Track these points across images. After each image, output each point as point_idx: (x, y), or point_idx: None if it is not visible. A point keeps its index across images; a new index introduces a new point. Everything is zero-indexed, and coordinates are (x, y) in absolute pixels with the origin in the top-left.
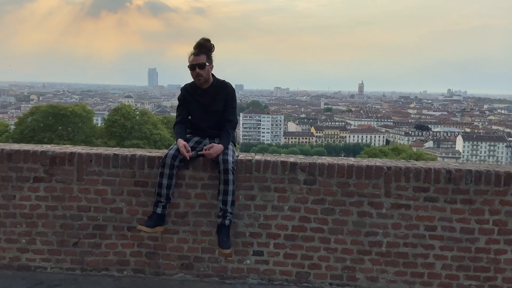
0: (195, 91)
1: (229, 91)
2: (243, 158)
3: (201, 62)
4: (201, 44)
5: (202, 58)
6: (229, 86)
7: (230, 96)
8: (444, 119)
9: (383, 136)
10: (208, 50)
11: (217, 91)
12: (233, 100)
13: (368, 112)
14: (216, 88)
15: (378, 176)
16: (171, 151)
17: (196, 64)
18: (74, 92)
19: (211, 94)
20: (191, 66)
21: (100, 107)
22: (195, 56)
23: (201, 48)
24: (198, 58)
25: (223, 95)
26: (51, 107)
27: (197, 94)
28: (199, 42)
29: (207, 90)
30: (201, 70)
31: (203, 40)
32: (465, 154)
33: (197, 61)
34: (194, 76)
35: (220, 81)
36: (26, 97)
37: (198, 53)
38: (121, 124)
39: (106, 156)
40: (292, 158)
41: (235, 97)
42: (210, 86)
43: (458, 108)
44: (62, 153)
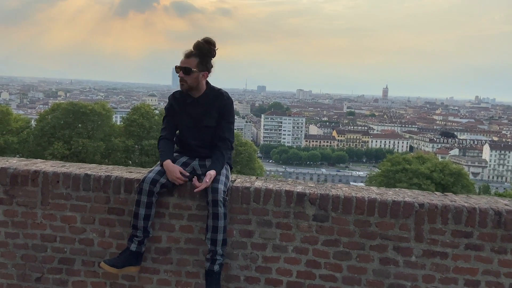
0: (184, 100)
1: (225, 102)
2: (239, 185)
3: (187, 66)
4: (197, 45)
5: (191, 62)
6: (226, 96)
7: (226, 109)
8: (471, 126)
9: (407, 142)
10: (204, 55)
11: (211, 102)
12: (229, 113)
13: (392, 117)
14: (209, 98)
15: (407, 215)
16: (150, 174)
17: (179, 67)
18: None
19: (203, 105)
20: (176, 67)
21: (124, 104)
22: (184, 57)
23: (195, 49)
24: (186, 61)
25: (218, 107)
26: (71, 104)
27: (186, 104)
28: (196, 42)
29: (199, 100)
30: (186, 75)
31: (202, 42)
32: (492, 163)
33: (184, 64)
34: (179, 81)
35: (215, 90)
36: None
37: (189, 54)
38: (140, 124)
39: (75, 176)
40: (300, 186)
41: (232, 110)
42: (203, 95)
43: (486, 115)
44: (25, 171)
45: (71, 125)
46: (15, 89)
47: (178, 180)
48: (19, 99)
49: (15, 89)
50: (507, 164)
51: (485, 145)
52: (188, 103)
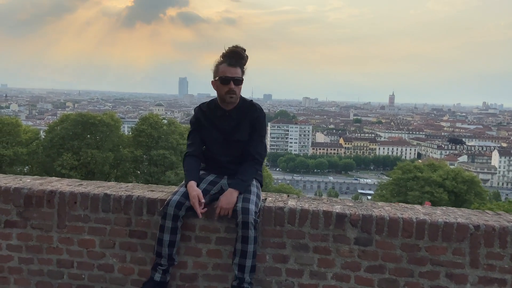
0: (213, 113)
1: (258, 115)
2: (271, 204)
3: (238, 77)
4: (238, 53)
5: (238, 72)
6: (259, 109)
7: (259, 122)
8: (479, 132)
9: (415, 149)
10: (244, 64)
11: (243, 115)
12: (262, 127)
13: (399, 124)
14: (242, 110)
15: (461, 238)
16: (175, 196)
17: (231, 78)
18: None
19: (235, 118)
20: (224, 78)
21: (132, 114)
22: (229, 66)
23: (238, 58)
24: (234, 70)
25: (250, 120)
26: (80, 115)
27: (216, 118)
28: (235, 50)
29: (231, 112)
30: (237, 86)
31: (240, 49)
32: (502, 169)
33: (234, 74)
34: (224, 92)
35: (247, 101)
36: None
37: (234, 63)
38: (148, 134)
39: (94, 196)
40: (338, 206)
41: (265, 123)
42: (235, 107)
43: (494, 121)
44: (40, 192)
45: (80, 136)
46: (24, 101)
47: (195, 204)
48: (28, 111)
49: (24, 100)
50: None
51: (494, 151)
52: (218, 116)
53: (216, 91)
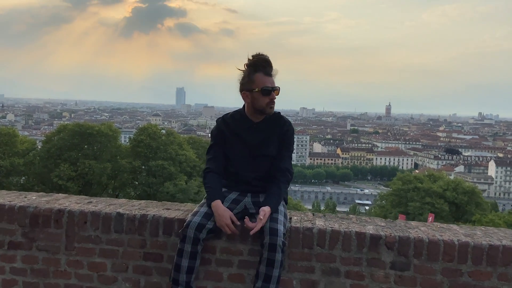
0: (240, 125)
1: (287, 128)
2: (298, 225)
3: (278, 87)
4: (270, 62)
5: (274, 81)
6: (288, 122)
7: (288, 136)
8: (475, 143)
9: (412, 159)
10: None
11: (272, 128)
12: (290, 141)
13: (396, 134)
14: (270, 123)
15: (507, 262)
16: (196, 217)
17: (273, 88)
18: (105, 110)
19: (263, 131)
20: (266, 89)
21: (129, 124)
22: (267, 76)
23: (271, 67)
24: (272, 80)
25: (279, 133)
26: (78, 125)
27: (242, 130)
28: (267, 59)
29: (259, 125)
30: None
31: (268, 58)
32: (499, 180)
33: (273, 84)
34: (265, 104)
35: (276, 114)
36: (59, 114)
37: (270, 72)
38: (147, 144)
39: (106, 216)
40: (371, 226)
41: (293, 137)
42: (264, 119)
43: (490, 132)
44: (47, 210)
45: (78, 147)
46: (21, 111)
47: (227, 229)
48: (24, 121)
49: (21, 110)
50: None
51: (491, 161)
52: (245, 128)
53: (249, 102)
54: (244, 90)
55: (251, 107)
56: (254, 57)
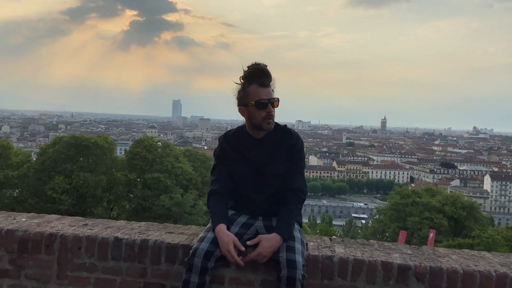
0: (242, 142)
1: (294, 142)
2: (317, 252)
3: (275, 98)
4: (266, 71)
5: (271, 92)
6: (295, 135)
7: (297, 151)
8: (470, 157)
9: (407, 172)
10: (272, 82)
11: (277, 143)
12: (300, 156)
13: (392, 147)
14: (275, 138)
15: None
16: (203, 243)
17: (268, 100)
18: (101, 122)
19: (268, 147)
20: (261, 102)
21: (125, 136)
22: (262, 87)
23: (267, 76)
24: (268, 91)
25: (286, 148)
26: (73, 138)
27: (246, 147)
28: (262, 68)
29: (262, 141)
30: (274, 109)
31: (265, 66)
32: (494, 194)
33: (269, 95)
34: (261, 118)
35: (281, 127)
36: (55, 126)
37: (266, 83)
38: (143, 157)
39: (103, 241)
40: (397, 254)
41: (303, 152)
42: (268, 134)
43: (485, 146)
44: (38, 235)
45: (73, 159)
46: (16, 122)
47: (230, 256)
48: (19, 132)
49: (16, 122)
50: (509, 194)
51: (486, 175)
52: (248, 145)
53: (247, 118)
54: (240, 105)
55: (249, 123)
56: (250, 68)
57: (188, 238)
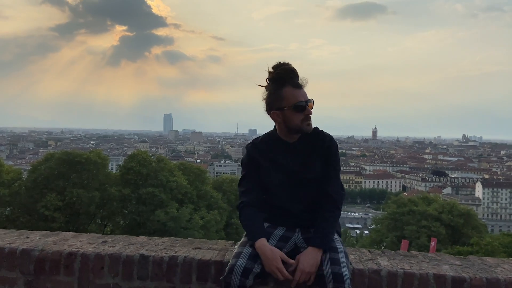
0: (274, 148)
1: (329, 144)
2: (362, 266)
3: (311, 99)
4: (295, 71)
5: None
6: (328, 136)
7: (332, 152)
8: (461, 164)
9: (400, 181)
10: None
11: (311, 146)
12: (335, 158)
13: (383, 157)
14: (308, 141)
15: None
16: (240, 260)
17: (307, 102)
18: (91, 138)
19: (301, 152)
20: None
21: (116, 152)
22: (297, 88)
23: (297, 76)
24: (304, 92)
25: (321, 151)
26: (66, 154)
27: (278, 153)
28: (291, 68)
29: (296, 145)
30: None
31: (292, 66)
32: (486, 201)
33: (306, 97)
34: (299, 121)
35: (313, 129)
36: (44, 142)
37: (299, 84)
38: (137, 171)
39: (127, 259)
40: (447, 266)
41: (338, 153)
42: (299, 139)
43: (475, 153)
44: (56, 254)
45: (65, 175)
46: (5, 140)
47: (279, 274)
48: (8, 150)
49: (5, 139)
50: (500, 201)
51: (477, 183)
52: (281, 151)
53: (281, 122)
54: (273, 110)
55: (284, 127)
56: (277, 69)
57: (219, 253)
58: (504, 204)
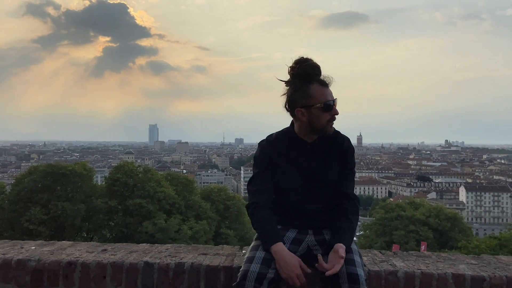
0: (291, 147)
1: (348, 145)
2: (377, 268)
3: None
4: (320, 68)
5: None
6: (346, 139)
7: (349, 154)
8: (444, 169)
9: (385, 187)
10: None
11: (329, 147)
12: (353, 161)
13: (369, 163)
14: (326, 141)
15: None
16: (253, 265)
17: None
18: (75, 150)
19: (320, 152)
20: (328, 104)
21: (100, 164)
22: (324, 87)
23: (321, 74)
24: (331, 91)
25: (339, 153)
26: (50, 166)
27: (296, 153)
28: (318, 65)
29: (314, 145)
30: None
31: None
32: (470, 205)
33: (333, 96)
34: (325, 121)
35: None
36: (27, 156)
37: (325, 82)
38: (123, 182)
39: (131, 267)
40: (464, 265)
41: (354, 158)
42: (319, 138)
43: (457, 158)
44: (54, 264)
45: (50, 188)
46: None
47: (297, 281)
48: None
49: None
50: (484, 205)
51: (461, 187)
52: (298, 150)
53: (305, 121)
54: (298, 107)
55: (307, 126)
56: (302, 64)
57: (227, 259)
58: (488, 208)
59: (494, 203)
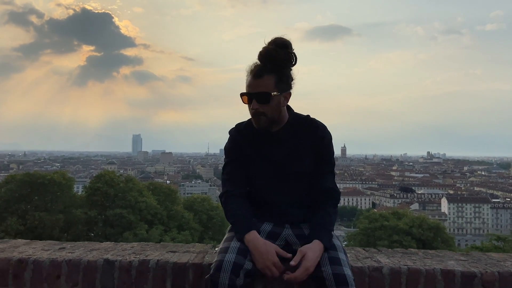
0: (257, 135)
1: (322, 135)
2: (360, 264)
3: (263, 91)
4: (269, 55)
5: (267, 83)
6: (322, 127)
7: (325, 145)
8: (426, 181)
9: (369, 198)
10: (283, 67)
11: (299, 136)
12: (329, 152)
13: (353, 174)
14: (295, 130)
15: None
16: (228, 255)
17: (252, 94)
18: (56, 160)
19: (287, 141)
20: (243, 96)
21: (82, 174)
22: (254, 78)
23: (267, 62)
24: (258, 83)
25: (312, 143)
26: (28, 175)
27: (262, 142)
28: (265, 50)
29: (280, 134)
30: (263, 105)
31: (274, 48)
32: (451, 216)
33: (256, 88)
34: (251, 114)
35: (302, 117)
36: (6, 166)
37: (259, 72)
38: (104, 192)
39: (89, 265)
40: (453, 262)
41: (332, 147)
42: (285, 127)
43: (439, 170)
44: (4, 262)
45: (27, 198)
46: None
47: (274, 269)
48: None
49: None
50: (465, 216)
51: (443, 198)
52: (265, 139)
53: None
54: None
55: (277, 113)
56: (290, 48)
57: (197, 256)
58: (469, 219)
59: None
